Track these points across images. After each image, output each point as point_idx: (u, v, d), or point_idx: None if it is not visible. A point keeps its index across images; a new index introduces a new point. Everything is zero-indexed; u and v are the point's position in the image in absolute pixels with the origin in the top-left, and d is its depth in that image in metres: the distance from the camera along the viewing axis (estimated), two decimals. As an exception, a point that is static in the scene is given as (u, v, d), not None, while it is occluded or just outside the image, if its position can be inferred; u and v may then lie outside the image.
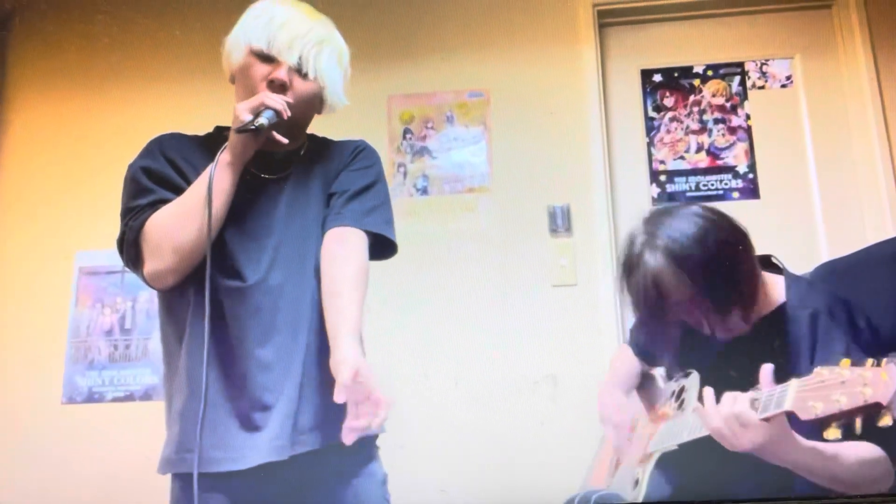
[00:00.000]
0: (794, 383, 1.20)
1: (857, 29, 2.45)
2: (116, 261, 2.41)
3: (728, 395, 1.25)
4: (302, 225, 1.38)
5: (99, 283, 2.41)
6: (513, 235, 2.38)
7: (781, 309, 1.41)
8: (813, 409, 1.16)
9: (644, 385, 1.62)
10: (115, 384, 2.36)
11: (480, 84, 2.51)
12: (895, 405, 1.11)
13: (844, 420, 1.14)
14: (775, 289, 1.43)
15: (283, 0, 1.41)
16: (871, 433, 1.18)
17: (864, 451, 1.26)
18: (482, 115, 2.49)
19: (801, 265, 1.62)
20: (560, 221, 2.38)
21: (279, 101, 1.31)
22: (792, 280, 1.44)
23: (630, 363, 1.62)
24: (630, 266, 1.42)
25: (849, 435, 1.14)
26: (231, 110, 1.33)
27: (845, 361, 1.17)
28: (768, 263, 1.49)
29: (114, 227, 2.42)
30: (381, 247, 1.42)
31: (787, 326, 1.38)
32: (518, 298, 2.33)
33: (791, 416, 1.19)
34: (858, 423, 1.13)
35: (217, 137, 1.44)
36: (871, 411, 1.12)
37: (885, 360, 1.14)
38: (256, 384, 1.30)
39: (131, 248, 1.33)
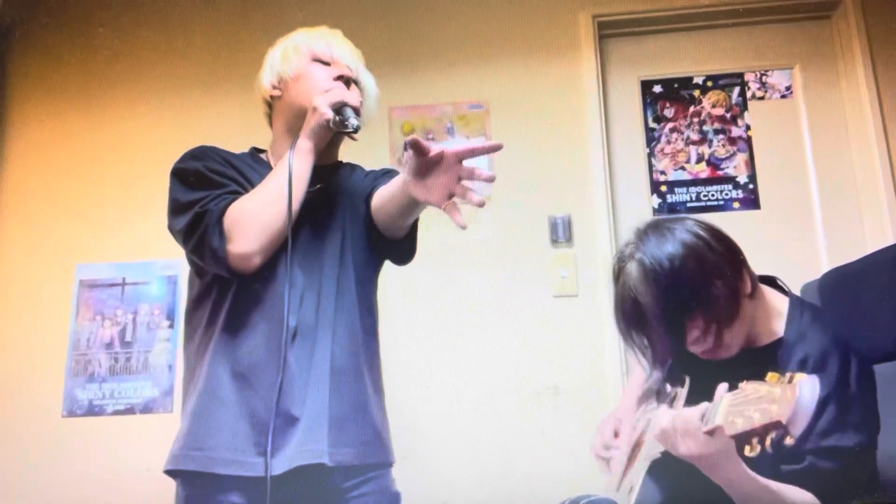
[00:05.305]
0: (726, 398, 1.18)
1: (856, 39, 2.46)
2: (117, 273, 2.43)
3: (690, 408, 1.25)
4: (321, 245, 1.39)
5: (99, 295, 2.40)
6: (514, 246, 2.38)
7: (777, 345, 1.39)
8: (734, 425, 1.14)
9: (658, 393, 1.61)
10: (116, 397, 2.35)
11: (480, 96, 2.51)
12: (794, 425, 1.08)
13: (759, 437, 1.12)
14: (774, 318, 1.40)
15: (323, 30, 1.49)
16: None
17: (807, 500, 1.24)
18: (482, 127, 2.49)
19: (802, 275, 1.62)
20: (561, 232, 2.38)
21: (356, 98, 1.39)
22: (795, 311, 1.40)
23: (639, 375, 1.61)
24: (615, 275, 1.44)
25: (764, 452, 1.12)
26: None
27: (771, 376, 1.15)
28: (774, 285, 1.47)
29: (115, 239, 2.42)
30: (400, 250, 1.50)
31: (776, 368, 1.36)
32: (519, 309, 2.32)
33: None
34: (768, 441, 1.11)
35: (252, 157, 1.47)
36: (778, 430, 1.09)
37: (797, 375, 1.12)
38: (276, 389, 1.29)
39: (213, 228, 1.29)
